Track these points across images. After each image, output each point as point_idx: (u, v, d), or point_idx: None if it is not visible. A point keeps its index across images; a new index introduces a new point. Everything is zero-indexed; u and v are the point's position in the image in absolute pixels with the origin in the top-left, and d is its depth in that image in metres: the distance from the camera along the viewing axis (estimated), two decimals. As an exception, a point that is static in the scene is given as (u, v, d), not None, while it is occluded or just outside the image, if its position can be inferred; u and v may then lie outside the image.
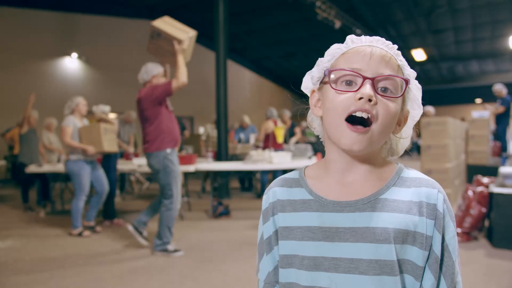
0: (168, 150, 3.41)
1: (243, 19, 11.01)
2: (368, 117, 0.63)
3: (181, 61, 3.34)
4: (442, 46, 12.69)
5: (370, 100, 0.63)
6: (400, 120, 0.71)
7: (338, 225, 0.66)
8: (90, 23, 10.96)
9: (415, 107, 0.73)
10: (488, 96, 7.64)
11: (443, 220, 0.65)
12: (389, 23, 10.68)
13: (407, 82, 0.66)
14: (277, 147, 6.26)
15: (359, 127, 0.64)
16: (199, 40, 13.02)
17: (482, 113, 10.24)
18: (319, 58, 0.74)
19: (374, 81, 0.64)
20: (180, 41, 3.34)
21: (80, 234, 4.18)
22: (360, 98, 0.63)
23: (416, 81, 0.72)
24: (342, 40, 0.73)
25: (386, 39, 0.70)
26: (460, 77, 17.30)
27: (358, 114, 0.63)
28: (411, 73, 0.70)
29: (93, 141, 4.18)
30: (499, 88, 7.21)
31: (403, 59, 0.70)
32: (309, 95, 0.77)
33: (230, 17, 7.08)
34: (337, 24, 9.06)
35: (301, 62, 14.60)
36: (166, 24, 3.41)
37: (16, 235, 4.29)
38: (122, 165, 5.43)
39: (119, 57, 11.32)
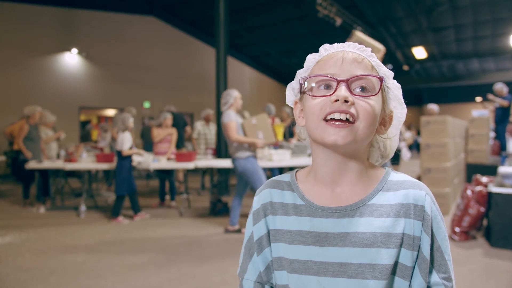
0: None
1: (243, 15, 10.97)
2: (346, 118, 0.64)
3: None
4: (443, 44, 12.65)
5: (346, 102, 0.64)
6: (384, 120, 0.73)
7: (327, 230, 0.68)
8: (90, 19, 10.92)
9: (398, 107, 0.73)
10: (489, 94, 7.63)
11: (431, 221, 0.66)
12: (390, 21, 10.64)
13: (381, 79, 0.67)
14: (274, 144, 6.25)
15: (340, 123, 0.64)
16: (200, 36, 13.07)
17: (482, 112, 10.25)
18: (298, 71, 0.76)
19: (348, 83, 0.65)
20: (377, 51, 3.72)
21: (239, 231, 4.23)
22: (336, 101, 0.64)
23: (395, 81, 0.73)
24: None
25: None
26: (460, 75, 17.26)
27: (337, 116, 0.64)
28: (387, 73, 0.71)
29: (262, 133, 4.14)
30: (500, 87, 7.22)
31: (377, 60, 0.71)
32: (293, 107, 0.78)
33: (230, 14, 7.06)
34: (338, 22, 9.03)
35: (302, 59, 14.18)
36: (364, 35, 3.89)
37: (16, 231, 4.30)
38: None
39: (120, 53, 11.29)
